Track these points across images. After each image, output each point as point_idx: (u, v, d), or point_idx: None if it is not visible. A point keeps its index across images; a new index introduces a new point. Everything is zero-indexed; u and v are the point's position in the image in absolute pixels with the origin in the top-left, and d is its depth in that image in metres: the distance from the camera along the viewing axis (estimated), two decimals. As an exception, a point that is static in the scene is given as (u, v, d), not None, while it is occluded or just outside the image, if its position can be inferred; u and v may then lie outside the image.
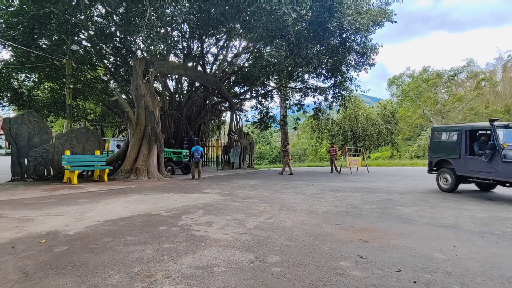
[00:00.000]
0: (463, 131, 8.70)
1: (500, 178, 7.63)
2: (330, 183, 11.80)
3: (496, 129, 7.75)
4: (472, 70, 38.10)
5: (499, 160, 7.55)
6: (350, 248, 4.07)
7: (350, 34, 16.17)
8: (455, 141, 8.95)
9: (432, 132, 10.11)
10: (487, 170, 7.90)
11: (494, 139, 7.72)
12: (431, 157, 9.86)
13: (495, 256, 3.80)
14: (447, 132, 9.48)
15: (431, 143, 10.01)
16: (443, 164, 9.37)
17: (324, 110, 25.61)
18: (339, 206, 7.01)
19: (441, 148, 9.48)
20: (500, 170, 7.54)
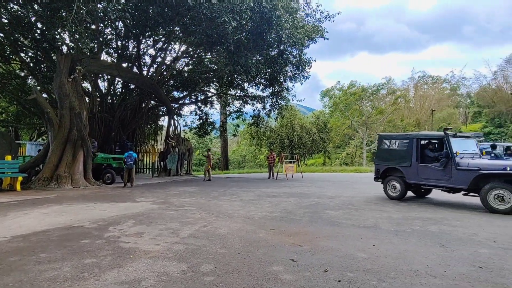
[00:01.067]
0: (414, 139, 8.63)
1: (454, 185, 7.76)
2: (267, 189, 12.11)
3: (450, 138, 7.95)
4: (390, 87, 43.05)
5: (453, 167, 7.70)
6: (283, 252, 4.20)
7: (287, 47, 17.00)
8: (405, 149, 8.80)
9: (380, 140, 9.79)
10: (441, 177, 7.97)
11: (448, 147, 7.85)
12: (379, 165, 9.63)
13: (406, 252, 4.29)
14: (396, 140, 9.26)
15: (379, 151, 9.74)
16: (391, 172, 9.27)
17: (262, 118, 26.32)
18: (275, 212, 7.22)
19: (390, 156, 9.27)
20: (454, 177, 7.70)
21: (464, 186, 7.54)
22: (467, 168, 7.51)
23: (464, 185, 7.54)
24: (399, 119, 40.89)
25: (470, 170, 7.44)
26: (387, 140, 9.47)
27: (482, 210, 7.36)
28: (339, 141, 45.71)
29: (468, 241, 4.76)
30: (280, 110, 24.04)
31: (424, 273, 3.50)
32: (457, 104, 44.83)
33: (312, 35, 16.38)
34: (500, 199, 6.90)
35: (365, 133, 40.89)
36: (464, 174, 7.52)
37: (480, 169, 7.27)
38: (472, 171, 7.39)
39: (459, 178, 7.59)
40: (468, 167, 7.51)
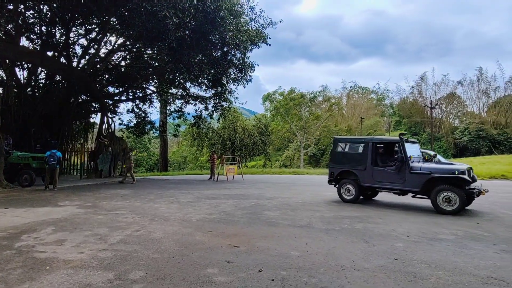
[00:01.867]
0: (370, 143, 8.73)
1: (407, 188, 7.99)
2: (207, 191, 11.94)
3: (404, 143, 8.17)
4: (326, 95, 46.12)
5: (407, 171, 7.92)
6: (219, 254, 4.16)
7: (231, 49, 17.07)
8: (361, 153, 8.89)
9: (335, 143, 9.74)
10: (395, 180, 8.14)
11: (402, 151, 8.06)
12: (333, 168, 9.55)
13: (334, 248, 4.59)
14: (352, 144, 9.35)
15: (333, 154, 9.71)
16: (346, 175, 9.27)
17: (205, 119, 25.93)
18: (213, 213, 7.14)
19: (344, 159, 9.29)
20: (408, 180, 7.92)
21: (416, 189, 7.80)
22: (420, 171, 7.80)
23: (416, 188, 7.80)
24: (333, 124, 43.95)
25: (422, 174, 7.73)
26: (342, 143, 9.49)
27: (401, 208, 8.26)
28: (279, 144, 47.35)
29: (387, 236, 5.29)
30: (223, 111, 23.96)
31: (349, 267, 3.78)
32: (382, 113, 49.89)
33: (255, 39, 16.70)
34: (448, 201, 7.30)
35: (303, 137, 43.00)
36: (417, 177, 7.78)
37: (431, 173, 7.61)
38: (425, 174, 7.68)
39: (412, 181, 7.84)
40: (421, 171, 7.80)
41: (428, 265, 3.91)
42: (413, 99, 44.20)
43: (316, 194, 11.04)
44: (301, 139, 43.16)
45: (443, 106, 42.37)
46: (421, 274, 3.59)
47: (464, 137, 38.28)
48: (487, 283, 3.36)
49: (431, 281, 3.41)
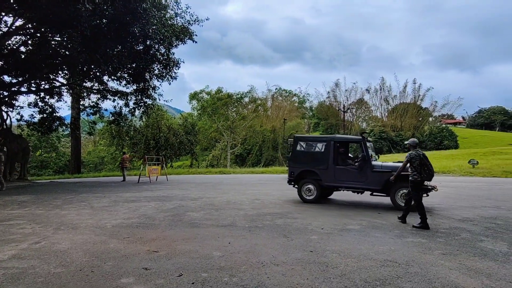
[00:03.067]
0: (331, 142, 8.59)
1: (369, 187, 8.02)
2: (126, 194, 11.09)
3: (366, 142, 8.17)
4: (253, 96, 47.38)
5: (369, 170, 7.97)
6: (136, 262, 3.89)
7: (155, 44, 16.21)
8: (322, 152, 8.69)
9: (295, 141, 9.38)
10: (357, 179, 8.16)
11: (364, 150, 8.08)
12: (293, 168, 9.20)
13: (256, 245, 4.72)
14: (312, 142, 9.08)
15: (293, 153, 9.29)
16: (307, 175, 9.02)
17: (125, 116, 24.05)
18: (132, 218, 6.66)
19: (305, 159, 9.01)
20: (370, 179, 7.96)
21: (378, 187, 7.89)
22: (381, 170, 7.90)
23: (378, 186, 7.89)
24: (259, 125, 45.39)
25: (383, 172, 7.82)
26: (302, 142, 9.18)
27: (316, 204, 8.93)
28: (206, 143, 46.84)
29: (304, 230, 5.67)
30: (146, 109, 22.54)
31: (269, 263, 3.93)
32: (303, 115, 53.52)
33: (180, 35, 16.17)
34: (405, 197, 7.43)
35: (230, 136, 43.35)
36: (378, 175, 7.86)
37: (392, 171, 7.62)
38: (386, 173, 7.75)
39: (374, 180, 7.91)
40: (382, 169, 7.92)
41: (338, 254, 4.31)
42: (330, 103, 48.62)
43: (241, 193, 11.22)
44: (228, 139, 43.44)
45: (353, 111, 47.64)
46: (332, 263, 3.93)
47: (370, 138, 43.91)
48: (384, 266, 3.85)
49: (340, 268, 3.76)
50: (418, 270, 3.70)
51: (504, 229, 5.76)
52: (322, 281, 3.39)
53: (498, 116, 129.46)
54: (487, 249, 4.55)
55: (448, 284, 3.31)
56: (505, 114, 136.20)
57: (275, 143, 44.30)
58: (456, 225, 6.08)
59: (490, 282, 3.36)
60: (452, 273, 3.61)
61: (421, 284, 3.29)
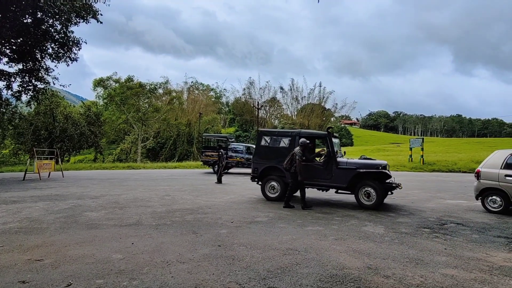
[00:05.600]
0: (296, 137, 8.20)
1: (334, 184, 7.71)
2: (5, 193, 9.30)
3: (332, 137, 7.85)
4: (167, 87, 45.21)
5: (334, 166, 7.68)
6: (11, 275, 3.27)
7: (48, 18, 13.91)
8: (287, 147, 8.26)
9: (259, 136, 9.02)
10: (322, 176, 7.83)
11: (330, 146, 7.74)
12: (257, 163, 8.75)
13: (162, 244, 4.49)
14: (278, 137, 8.63)
15: (258, 148, 8.88)
16: (271, 172, 8.57)
17: (7, 100, 20.09)
18: (9, 222, 5.59)
19: (270, 154, 8.57)
20: (335, 176, 7.66)
21: (343, 184, 7.59)
22: (346, 167, 7.64)
23: (343, 184, 7.58)
24: (174, 118, 43.66)
25: (349, 169, 7.58)
26: (267, 137, 8.79)
27: (227, 199, 9.05)
28: (114, 136, 42.84)
29: (214, 225, 5.66)
30: (36, 93, 19.20)
31: (175, 261, 3.78)
32: (219, 110, 53.65)
33: (82, 12, 14.24)
34: (367, 195, 7.39)
35: (141, 129, 40.57)
36: (343, 172, 7.60)
37: (357, 168, 7.48)
38: (351, 169, 7.54)
39: (339, 177, 7.62)
40: (347, 166, 7.65)
41: (245, 246, 4.43)
42: (245, 100, 49.79)
43: (150, 189, 10.60)
44: (139, 132, 40.52)
45: (266, 108, 49.86)
46: (238, 256, 4.02)
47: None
48: (286, 254, 4.12)
49: (246, 260, 3.87)
50: (315, 255, 4.08)
51: (383, 214, 6.83)
52: (228, 274, 3.42)
53: (383, 119, 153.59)
54: (369, 232, 5.32)
55: (338, 266, 3.73)
56: (388, 117, 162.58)
57: (190, 137, 43.22)
58: (348, 213, 6.94)
59: (369, 260, 3.93)
60: (341, 255, 4.10)
61: (316, 269, 3.63)
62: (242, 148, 18.16)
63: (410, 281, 3.31)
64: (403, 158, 26.50)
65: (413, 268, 3.70)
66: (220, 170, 12.93)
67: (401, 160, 24.66)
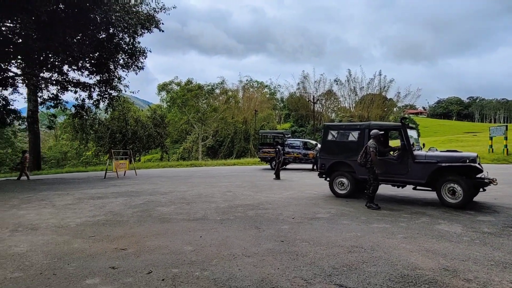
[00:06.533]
0: (366, 130, 7.60)
1: (411, 180, 7.06)
2: (92, 190, 10.62)
3: (407, 129, 7.29)
4: (224, 87, 46.85)
5: (410, 160, 7.00)
6: (102, 261, 3.75)
7: (119, 32, 15.44)
8: (356, 141, 7.78)
9: (325, 130, 8.59)
10: (397, 172, 7.19)
11: (404, 138, 7.10)
12: (323, 159, 8.41)
13: (228, 238, 4.72)
14: (345, 131, 8.16)
15: (324, 143, 8.53)
16: (339, 167, 8.17)
17: (89, 108, 22.83)
18: (98, 216, 6.39)
19: (337, 149, 8.17)
20: (411, 171, 6.99)
21: (422, 180, 6.92)
22: (425, 161, 6.93)
23: (422, 179, 6.91)
24: (230, 117, 45.09)
25: (428, 163, 6.86)
26: (334, 131, 8.33)
27: (287, 195, 9.09)
28: (177, 136, 45.84)
29: (275, 220, 5.75)
30: (111, 100, 21.51)
31: (241, 255, 3.95)
32: (274, 106, 53.87)
33: (146, 24, 15.50)
34: (452, 192, 6.59)
35: (201, 129, 42.74)
36: (422, 167, 6.90)
37: (438, 162, 6.73)
38: (430, 163, 6.80)
39: (417, 172, 6.93)
40: (426, 160, 6.93)
41: (308, 242, 4.42)
42: (300, 94, 49.19)
43: (213, 186, 11.15)
44: (199, 131, 42.79)
45: (322, 102, 48.59)
46: (302, 252, 4.03)
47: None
48: (351, 252, 4.01)
49: (309, 256, 3.87)
50: (382, 254, 3.90)
51: (459, 212, 6.20)
52: (292, 270, 3.46)
53: (455, 106, 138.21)
54: (444, 231, 4.88)
55: (409, 265, 3.51)
56: (460, 104, 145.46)
57: (246, 135, 44.27)
58: (417, 210, 6.46)
59: (446, 261, 3.61)
60: (412, 255, 3.84)
61: (385, 268, 3.47)
62: (298, 144, 18.03)
63: (497, 286, 2.97)
64: (482, 148, 23.61)
65: (500, 272, 3.31)
66: (278, 166, 13.02)
67: (479, 151, 21.99)
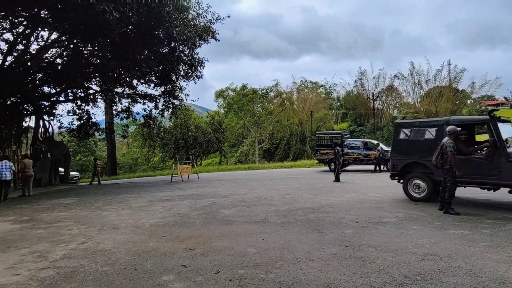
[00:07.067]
0: (445, 126, 6.75)
1: (505, 182, 6.11)
2: (160, 193, 11.52)
3: (498, 122, 6.39)
4: (278, 90, 47.07)
5: (503, 159, 6.06)
6: (174, 260, 4.04)
7: (179, 45, 16.56)
8: (433, 139, 7.01)
9: (396, 128, 7.98)
10: (486, 172, 6.32)
11: (495, 134, 6.21)
12: (396, 160, 7.78)
13: (290, 241, 4.72)
14: (420, 128, 7.49)
15: (396, 142, 7.90)
16: (414, 168, 7.49)
17: (155, 118, 24.89)
18: (167, 217, 6.91)
19: (411, 148, 7.53)
20: (505, 171, 6.02)
21: None
22: None
23: None
24: (285, 119, 45.07)
25: None
26: (406, 129, 7.69)
27: (348, 198, 8.75)
28: (234, 140, 47.31)
29: (337, 224, 5.59)
30: (174, 109, 23.18)
31: (304, 259, 3.92)
32: (330, 106, 52.39)
33: (203, 35, 16.39)
34: None
35: (257, 132, 43.48)
36: None
37: None
38: None
39: None
40: None
41: (375, 248, 4.21)
42: (357, 92, 47.05)
43: (271, 188, 11.25)
44: (255, 135, 43.59)
45: (383, 98, 45.78)
46: (368, 258, 3.85)
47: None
48: (424, 259, 3.71)
49: (377, 263, 3.68)
50: (462, 263, 3.53)
51: (558, 217, 5.32)
52: (360, 276, 3.33)
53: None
54: (540, 240, 4.24)
55: (497, 278, 3.12)
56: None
57: (302, 136, 43.79)
58: (503, 215, 5.71)
59: (545, 276, 3.13)
60: (500, 266, 3.41)
61: (466, 279, 3.14)
62: (358, 144, 17.28)
63: None
64: None
65: None
66: (337, 168, 12.63)
67: None
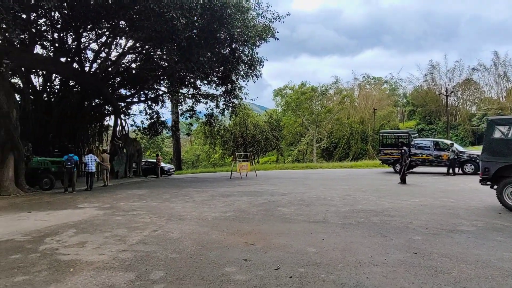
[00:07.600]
0: None
1: None
2: (221, 189, 12.03)
3: None
4: (338, 87, 45.45)
5: None
6: (236, 253, 4.20)
7: (239, 46, 17.05)
8: None
9: (490, 126, 7.08)
10: None
11: None
12: (488, 162, 6.91)
13: (351, 243, 4.55)
14: None
15: (488, 142, 7.02)
16: (510, 172, 6.62)
17: (216, 116, 26.05)
18: (228, 211, 7.19)
19: (508, 149, 6.63)
20: None
21: None
22: None
23: None
24: (346, 117, 43.33)
25: None
26: (502, 127, 6.76)
27: (415, 201, 8.09)
28: (291, 138, 47.07)
29: (404, 229, 5.21)
30: (234, 108, 23.98)
31: (367, 263, 3.74)
32: (395, 103, 48.84)
33: (263, 34, 16.60)
34: None
35: (315, 130, 42.63)
36: None
37: None
38: None
39: None
40: None
41: (449, 258, 3.83)
42: (427, 88, 43.06)
43: (330, 188, 10.95)
44: (313, 133, 42.78)
45: (458, 93, 41.13)
46: (442, 268, 3.52)
47: (482, 124, 37.07)
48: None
49: (452, 275, 3.34)
50: None
51: None
52: (431, 286, 3.07)
53: None
54: None
55: None
56: None
57: (364, 135, 41.66)
58: None
59: None
60: None
61: None
62: (428, 144, 15.85)
63: None
64: None
65: None
66: (404, 169, 11.75)
67: None
